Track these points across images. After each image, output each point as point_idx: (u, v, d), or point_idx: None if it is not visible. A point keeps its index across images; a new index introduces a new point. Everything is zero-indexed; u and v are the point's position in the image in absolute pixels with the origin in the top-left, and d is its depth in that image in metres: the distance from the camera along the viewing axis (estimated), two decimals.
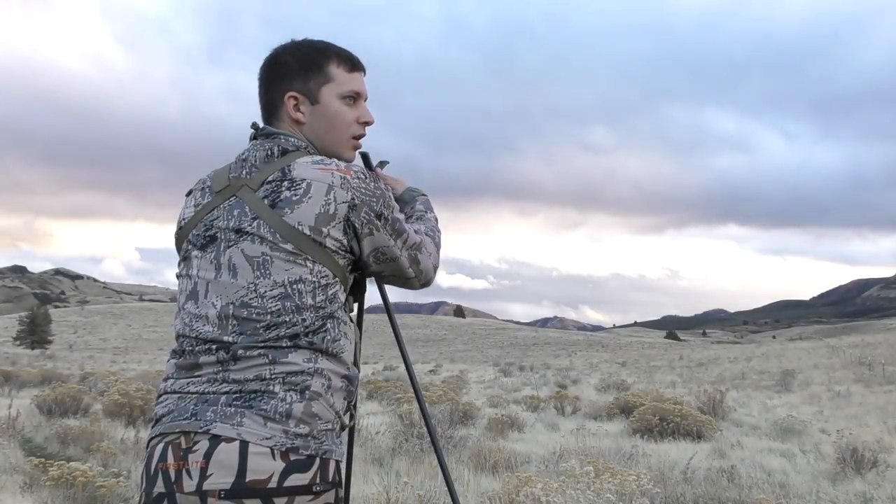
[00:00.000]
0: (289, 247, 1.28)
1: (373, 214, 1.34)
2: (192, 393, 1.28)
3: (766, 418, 12.34)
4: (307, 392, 1.26)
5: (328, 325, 1.31)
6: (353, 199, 1.31)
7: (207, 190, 1.41)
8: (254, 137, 1.45)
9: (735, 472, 6.28)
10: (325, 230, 1.29)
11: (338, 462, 1.30)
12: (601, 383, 21.93)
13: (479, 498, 4.92)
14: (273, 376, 1.25)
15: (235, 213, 1.33)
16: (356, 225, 1.33)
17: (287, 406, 1.24)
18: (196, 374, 1.30)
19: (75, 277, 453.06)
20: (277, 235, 1.28)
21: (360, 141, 1.53)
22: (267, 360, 1.26)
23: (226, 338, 1.28)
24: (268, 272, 1.28)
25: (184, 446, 1.23)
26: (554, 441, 8.36)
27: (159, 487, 1.23)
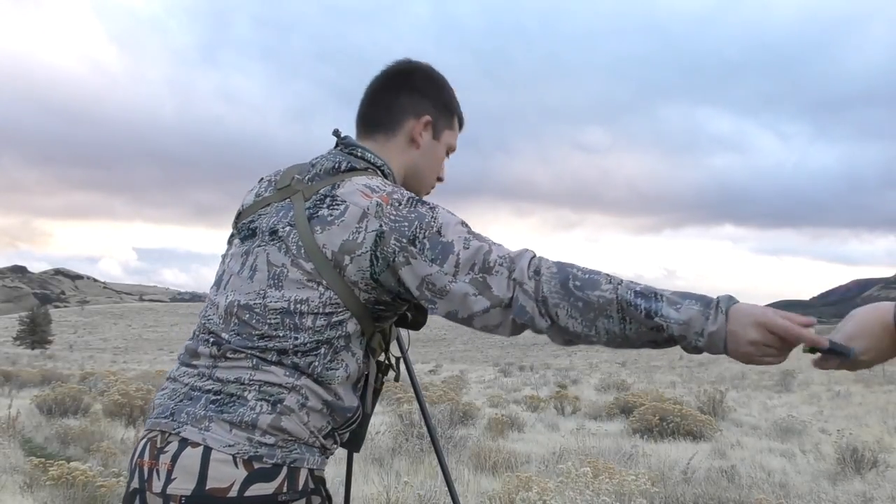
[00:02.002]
0: (308, 266, 1.24)
1: (405, 241, 1.21)
2: (185, 384, 1.28)
3: (766, 418, 12.34)
4: (279, 405, 1.22)
5: (321, 351, 1.25)
6: (381, 227, 1.22)
7: (273, 184, 1.40)
8: (336, 145, 1.41)
9: (735, 472, 6.29)
10: (347, 258, 1.23)
11: (311, 471, 1.25)
12: (601, 383, 21.92)
13: (479, 498, 4.92)
14: (251, 382, 1.23)
15: (280, 215, 1.31)
16: (388, 256, 1.22)
17: (254, 415, 1.20)
18: (193, 362, 1.30)
19: (75, 277, 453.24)
20: (302, 251, 1.25)
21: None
22: (250, 365, 1.24)
23: (223, 334, 1.28)
24: (280, 285, 1.26)
25: (158, 445, 1.23)
26: (554, 441, 8.36)
27: (135, 483, 1.24)
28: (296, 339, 1.24)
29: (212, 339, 1.29)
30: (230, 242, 1.42)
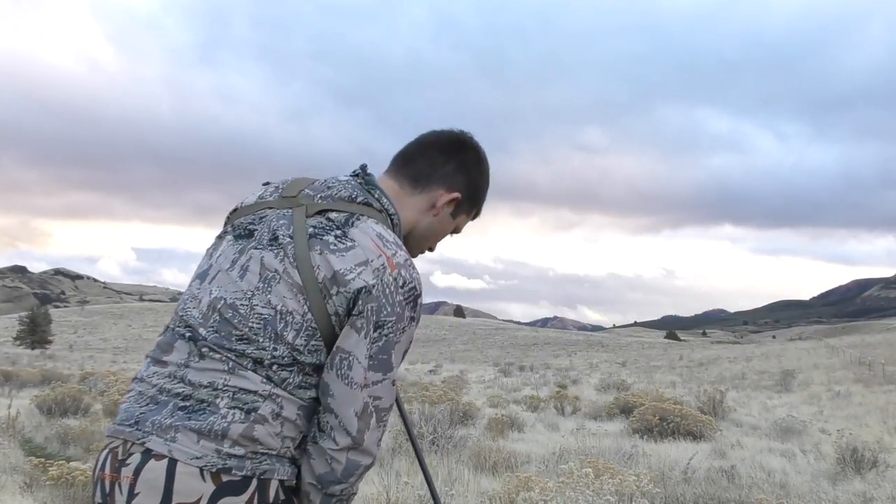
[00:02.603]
0: (299, 282, 1.23)
1: (373, 317, 1.22)
2: (153, 386, 1.24)
3: (766, 418, 12.34)
4: (253, 414, 1.19)
5: (295, 369, 1.23)
6: (373, 286, 1.22)
7: (279, 191, 1.38)
8: (354, 175, 1.40)
9: (735, 472, 6.28)
10: (334, 290, 1.22)
11: (282, 482, 1.23)
12: (601, 383, 21.93)
13: (479, 498, 4.92)
14: (224, 388, 1.19)
15: (282, 222, 1.30)
16: (353, 309, 1.23)
17: (225, 424, 1.17)
18: (164, 359, 1.26)
19: (75, 277, 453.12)
20: (296, 267, 1.24)
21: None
22: (225, 368, 1.21)
23: (201, 329, 1.24)
24: (269, 289, 1.24)
25: (120, 457, 1.18)
26: (554, 441, 8.36)
27: (97, 497, 1.20)
28: (275, 350, 1.22)
29: (188, 334, 1.25)
30: (219, 240, 1.39)
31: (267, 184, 1.44)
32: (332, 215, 1.29)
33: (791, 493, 5.67)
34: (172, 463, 1.14)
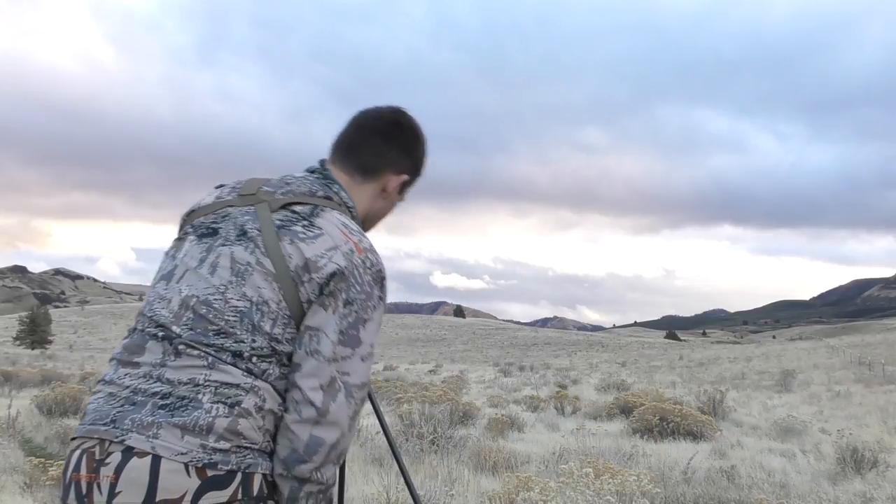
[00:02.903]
0: (272, 270, 1.25)
1: (343, 296, 1.25)
2: (125, 387, 1.22)
3: (766, 418, 12.34)
4: (237, 407, 1.19)
5: (274, 360, 1.25)
6: (344, 268, 1.26)
7: (235, 190, 1.41)
8: (311, 171, 1.45)
9: (735, 472, 6.28)
10: (306, 276, 1.25)
11: (265, 476, 1.23)
12: (601, 383, 21.94)
13: (479, 498, 4.92)
14: (206, 382, 1.19)
15: (247, 218, 1.33)
16: (322, 290, 1.25)
17: (210, 419, 1.16)
18: (136, 360, 1.24)
19: (75, 277, 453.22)
20: (268, 257, 1.26)
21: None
22: (205, 364, 1.20)
23: (175, 328, 1.24)
24: (243, 282, 1.25)
25: (97, 456, 1.16)
26: (554, 441, 8.36)
27: (71, 500, 1.17)
28: (254, 341, 1.23)
29: (161, 333, 1.24)
30: (179, 241, 1.39)
31: (221, 186, 1.45)
32: (297, 208, 1.32)
33: (791, 494, 5.67)
34: (156, 460, 1.13)
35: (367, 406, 1.55)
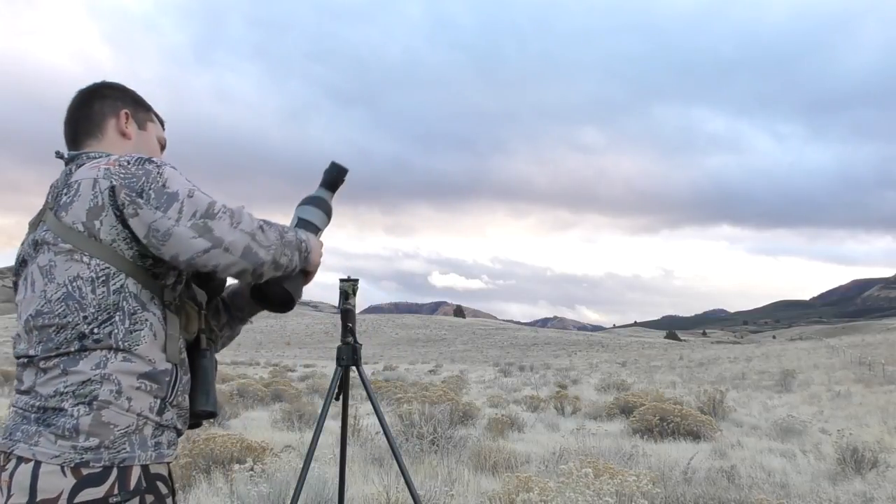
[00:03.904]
0: (67, 246, 1.32)
1: (134, 194, 1.31)
2: (20, 407, 1.34)
3: (766, 418, 12.34)
4: (95, 403, 1.28)
5: (115, 318, 1.32)
6: (111, 184, 1.32)
7: (28, 229, 1.46)
8: (66, 164, 1.49)
9: (735, 472, 6.28)
10: (96, 223, 1.31)
11: (145, 467, 1.31)
12: (601, 383, 21.95)
13: (479, 498, 4.92)
14: (66, 390, 1.28)
15: (36, 234, 1.39)
16: (121, 209, 1.32)
17: (74, 421, 1.26)
18: (22, 388, 1.36)
19: None
20: (58, 238, 1.33)
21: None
22: (61, 371, 1.30)
23: (31, 351, 1.34)
24: (52, 276, 1.33)
25: (1, 464, 1.30)
26: (554, 441, 8.35)
27: None
28: (85, 317, 1.30)
29: (25, 361, 1.36)
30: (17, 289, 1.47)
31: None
32: (58, 185, 1.40)
33: (791, 494, 5.67)
34: (37, 465, 1.25)
35: (367, 406, 1.56)
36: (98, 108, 1.53)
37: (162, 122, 1.66)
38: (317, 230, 1.64)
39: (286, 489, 4.41)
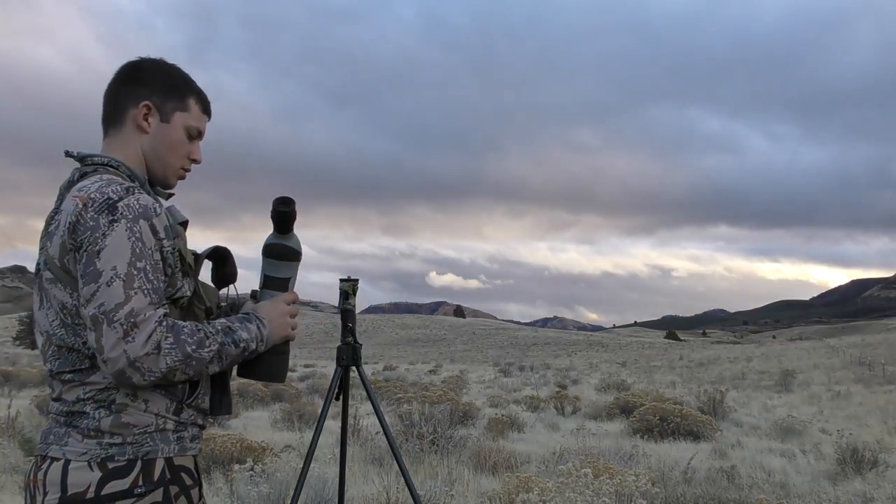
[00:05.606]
0: (50, 276, 1.37)
1: (75, 244, 1.31)
2: (52, 414, 1.43)
3: (766, 418, 12.34)
4: (113, 406, 1.35)
5: None
6: (73, 223, 1.31)
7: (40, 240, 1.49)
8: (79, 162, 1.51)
9: (735, 472, 6.28)
10: (66, 259, 1.34)
11: (169, 460, 1.38)
12: (601, 383, 21.95)
13: (479, 498, 4.92)
14: (86, 396, 1.35)
15: (40, 253, 1.43)
16: (76, 254, 1.32)
17: (97, 423, 1.34)
18: (53, 396, 1.43)
19: None
20: (46, 266, 1.38)
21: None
22: (78, 381, 1.36)
23: (48, 365, 1.41)
24: (49, 300, 1.39)
25: (39, 465, 1.39)
26: (554, 441, 8.36)
27: (27, 500, 1.39)
28: (84, 343, 1.34)
29: (47, 371, 1.43)
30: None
31: None
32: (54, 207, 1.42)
33: (791, 494, 5.67)
34: (66, 462, 1.33)
35: (367, 406, 1.56)
36: (125, 94, 1.51)
37: (206, 105, 1.58)
38: (286, 282, 1.54)
39: (286, 489, 4.41)
